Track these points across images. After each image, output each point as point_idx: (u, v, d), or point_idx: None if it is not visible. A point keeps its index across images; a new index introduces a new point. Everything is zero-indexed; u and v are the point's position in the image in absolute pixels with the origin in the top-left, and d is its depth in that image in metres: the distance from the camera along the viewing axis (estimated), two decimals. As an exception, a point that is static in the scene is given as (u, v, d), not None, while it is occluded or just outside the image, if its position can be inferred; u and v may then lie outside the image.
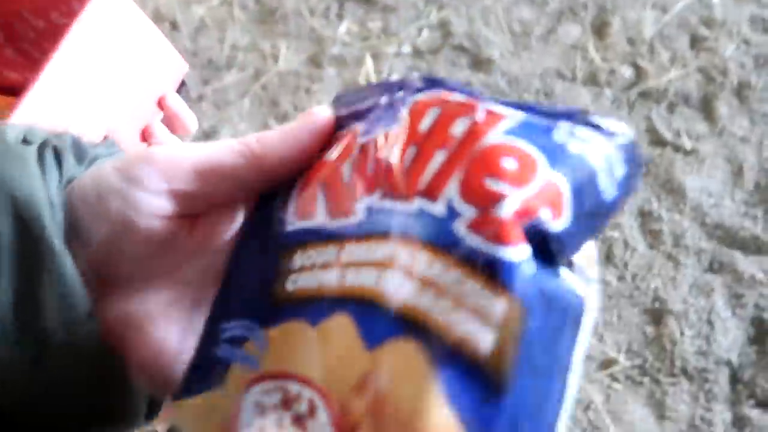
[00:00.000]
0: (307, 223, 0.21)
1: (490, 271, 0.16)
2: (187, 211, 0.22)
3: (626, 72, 1.13)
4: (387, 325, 0.17)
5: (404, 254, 0.18)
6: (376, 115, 0.21)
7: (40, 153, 0.22)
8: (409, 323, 0.17)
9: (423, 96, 0.21)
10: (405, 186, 0.19)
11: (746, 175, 1.02)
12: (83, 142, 0.24)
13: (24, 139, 0.22)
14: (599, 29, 1.17)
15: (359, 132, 0.21)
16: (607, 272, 0.93)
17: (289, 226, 0.21)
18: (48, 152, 0.22)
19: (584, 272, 0.18)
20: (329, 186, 0.21)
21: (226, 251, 0.23)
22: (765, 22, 1.16)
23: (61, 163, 0.22)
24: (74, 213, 0.21)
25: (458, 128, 0.19)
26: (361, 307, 0.18)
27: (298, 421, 0.18)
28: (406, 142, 0.20)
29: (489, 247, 0.16)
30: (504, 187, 0.17)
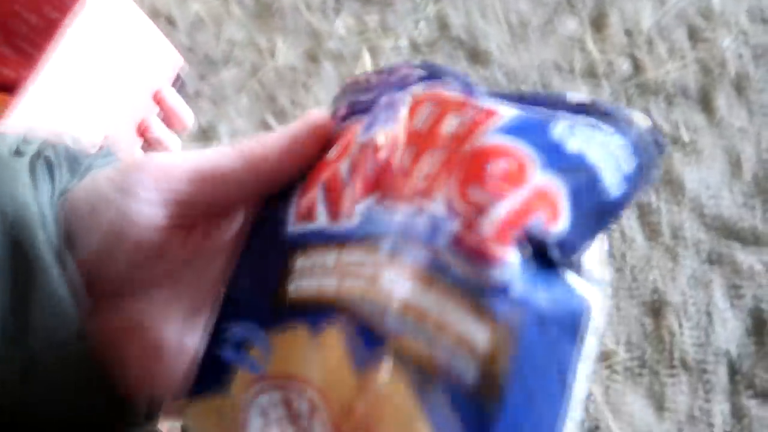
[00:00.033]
0: (309, 224, 0.20)
1: (474, 296, 0.15)
2: (182, 219, 0.21)
3: (624, 65, 1.13)
4: (373, 348, 0.17)
5: (389, 271, 0.17)
6: (376, 112, 0.21)
7: (32, 165, 0.21)
8: (393, 349, 0.16)
9: (420, 90, 0.20)
10: (395, 192, 0.18)
11: (744, 167, 1.02)
12: (77, 152, 0.23)
13: (17, 150, 0.22)
14: (597, 22, 1.17)
15: (359, 129, 0.21)
16: (606, 265, 0.93)
17: (290, 228, 0.21)
18: (40, 164, 0.22)
19: (591, 273, 0.17)
20: (329, 186, 0.21)
21: (223, 257, 0.23)
22: (763, 14, 1.15)
23: (53, 174, 0.22)
24: (67, 226, 0.21)
25: (449, 127, 0.18)
26: (351, 322, 0.17)
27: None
28: (402, 142, 0.19)
29: (472, 268, 0.15)
30: (488, 197, 0.16)
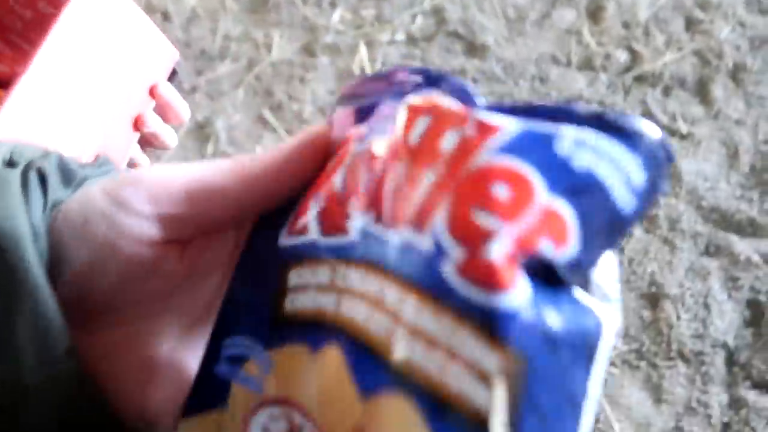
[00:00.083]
0: (301, 238, 0.20)
1: (483, 322, 0.15)
2: (176, 235, 0.21)
3: (621, 56, 1.13)
4: (379, 375, 0.16)
5: (393, 296, 0.16)
6: (372, 122, 0.21)
7: (25, 176, 0.21)
8: (401, 376, 0.16)
9: (417, 100, 0.19)
10: (392, 211, 0.18)
11: (742, 157, 1.02)
12: (72, 163, 0.23)
13: (9, 161, 0.22)
14: (594, 13, 1.17)
15: (355, 139, 0.21)
16: (604, 257, 0.93)
17: (284, 241, 0.20)
18: (32, 175, 0.21)
19: (602, 290, 0.17)
20: (321, 198, 0.20)
21: (220, 273, 0.22)
22: (760, 4, 1.15)
23: (46, 186, 0.21)
24: (59, 239, 0.20)
25: (447, 143, 0.17)
26: (353, 346, 0.17)
27: None
28: (396, 157, 0.18)
29: (481, 295, 0.15)
30: (494, 223, 0.15)
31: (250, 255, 0.22)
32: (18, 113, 0.38)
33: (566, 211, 0.16)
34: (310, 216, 0.20)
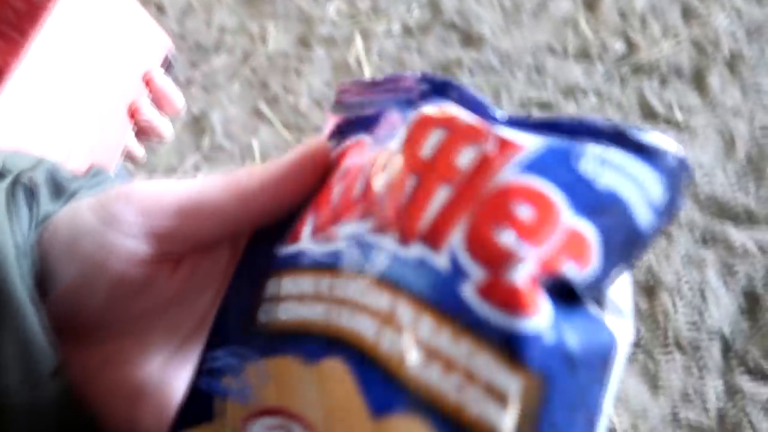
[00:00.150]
0: (292, 247, 0.20)
1: (504, 345, 0.15)
2: (167, 253, 0.20)
3: (618, 46, 1.13)
4: (391, 394, 0.16)
5: (406, 313, 0.16)
6: (377, 131, 0.20)
7: (12, 190, 0.21)
8: (416, 398, 0.15)
9: (426, 111, 0.18)
10: (402, 225, 0.17)
11: (738, 147, 1.02)
12: (62, 175, 0.22)
13: None
14: (590, 3, 1.16)
15: (357, 149, 0.20)
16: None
17: (279, 252, 0.20)
18: (19, 189, 0.21)
19: (616, 305, 0.16)
20: (318, 206, 0.20)
21: (212, 292, 0.22)
22: (757, -8, 1.15)
23: (34, 200, 0.21)
24: (47, 255, 0.20)
25: (465, 159, 0.17)
26: (362, 363, 0.17)
27: None
28: (404, 169, 0.18)
29: (503, 317, 0.15)
30: (518, 245, 0.15)
31: (245, 269, 0.21)
32: (11, 105, 0.38)
33: (590, 232, 0.15)
34: (306, 228, 0.20)
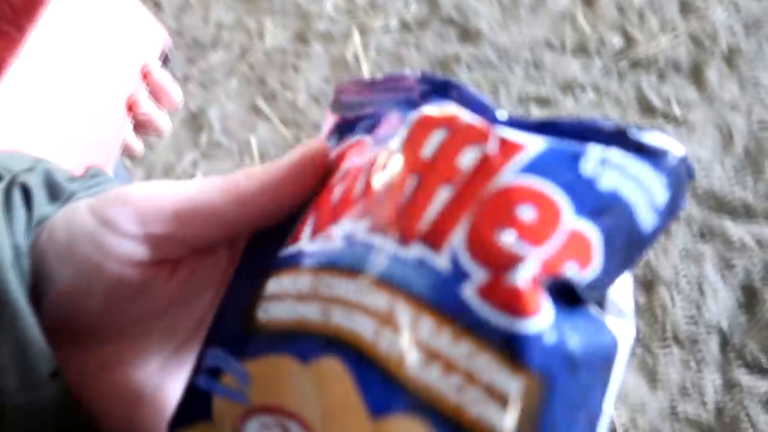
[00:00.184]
0: (292, 247, 0.19)
1: (505, 346, 0.15)
2: (164, 255, 0.20)
3: (616, 40, 1.12)
4: (390, 394, 0.16)
5: (406, 314, 0.16)
6: (378, 131, 0.20)
7: (8, 192, 0.21)
8: (416, 398, 0.15)
9: (428, 110, 0.18)
10: (403, 225, 0.17)
11: (736, 141, 1.02)
12: (59, 177, 0.22)
13: None
14: (588, -3, 1.16)
15: (357, 149, 0.20)
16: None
17: (280, 253, 0.20)
18: (16, 190, 0.21)
19: (617, 306, 0.16)
20: (319, 207, 0.20)
21: (210, 295, 0.22)
22: (754, -14, 1.15)
23: (30, 202, 0.21)
24: (43, 257, 0.20)
25: (466, 160, 0.17)
26: (360, 362, 0.16)
27: None
28: (405, 169, 0.18)
29: (504, 319, 0.15)
30: (520, 246, 0.15)
31: (244, 270, 0.21)
32: (8, 100, 0.38)
33: (592, 232, 0.15)
34: (307, 228, 0.19)
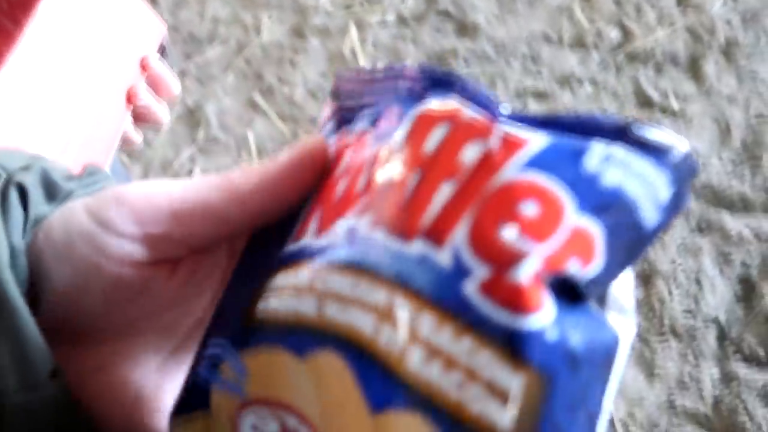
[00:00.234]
0: (295, 244, 0.19)
1: (507, 343, 0.14)
2: (163, 255, 0.20)
3: (613, 34, 1.12)
4: (390, 390, 0.16)
5: (405, 309, 0.16)
6: (380, 125, 0.20)
7: (4, 191, 0.20)
8: (416, 394, 0.15)
9: (429, 106, 0.18)
10: (404, 221, 0.17)
11: (733, 133, 1.02)
12: (56, 176, 0.22)
13: None
14: (585, -10, 1.16)
15: (359, 144, 0.20)
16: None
17: (283, 250, 0.20)
18: (12, 190, 0.20)
19: (619, 303, 0.16)
20: (324, 203, 0.19)
21: (210, 294, 0.22)
22: (752, -22, 1.15)
23: (27, 201, 0.21)
24: (40, 257, 0.20)
25: (469, 156, 0.17)
26: (359, 358, 0.16)
27: None
28: (407, 164, 0.17)
29: (505, 315, 0.15)
30: (522, 242, 0.15)
31: (244, 269, 0.21)
32: (6, 94, 0.38)
33: (594, 229, 0.15)
34: (312, 224, 0.19)
